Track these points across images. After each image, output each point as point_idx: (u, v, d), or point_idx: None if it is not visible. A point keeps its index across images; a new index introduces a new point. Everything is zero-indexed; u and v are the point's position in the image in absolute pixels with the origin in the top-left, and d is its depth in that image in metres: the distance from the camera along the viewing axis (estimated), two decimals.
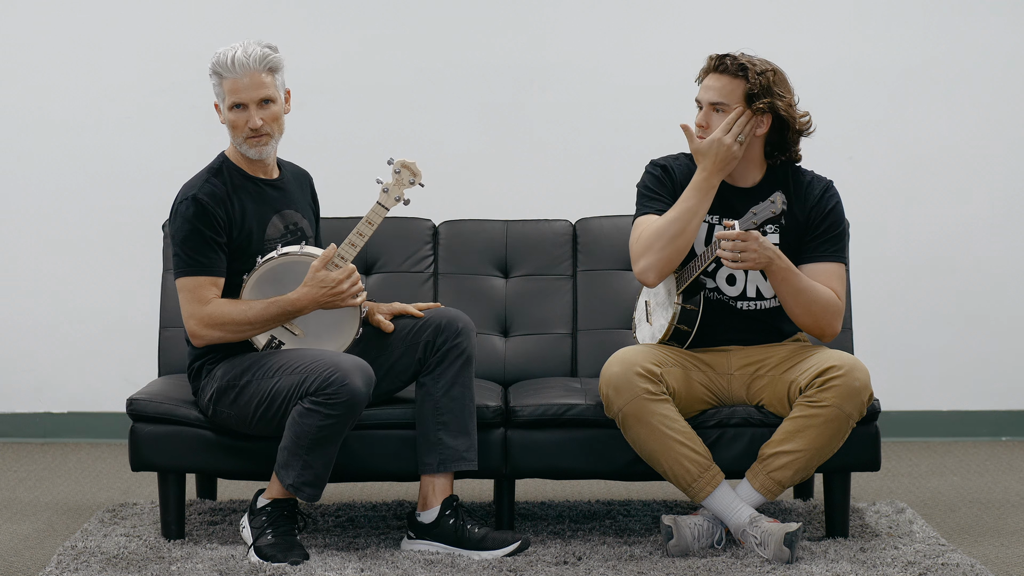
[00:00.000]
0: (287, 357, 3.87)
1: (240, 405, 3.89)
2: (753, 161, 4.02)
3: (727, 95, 3.94)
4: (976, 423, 5.72)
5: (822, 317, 3.94)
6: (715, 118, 3.96)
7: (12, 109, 5.64)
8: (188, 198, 3.91)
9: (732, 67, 3.94)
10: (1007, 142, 5.68)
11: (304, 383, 3.79)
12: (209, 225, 3.88)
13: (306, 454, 3.80)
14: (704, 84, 3.99)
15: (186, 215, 3.89)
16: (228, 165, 3.99)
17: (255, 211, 3.96)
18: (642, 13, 5.63)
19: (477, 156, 5.65)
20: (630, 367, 3.89)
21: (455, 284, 4.58)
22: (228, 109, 3.94)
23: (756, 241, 3.83)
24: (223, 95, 3.94)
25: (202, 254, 3.88)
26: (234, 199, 3.94)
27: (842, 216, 4.05)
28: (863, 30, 5.65)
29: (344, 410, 3.77)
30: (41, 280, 5.67)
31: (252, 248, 3.94)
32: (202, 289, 3.88)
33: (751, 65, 3.94)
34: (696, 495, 3.90)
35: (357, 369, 3.79)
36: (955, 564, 3.79)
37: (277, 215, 4.00)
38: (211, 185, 3.93)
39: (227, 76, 3.92)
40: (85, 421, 5.69)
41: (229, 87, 3.92)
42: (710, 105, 3.96)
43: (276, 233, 3.99)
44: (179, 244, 3.90)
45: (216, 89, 3.95)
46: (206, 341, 3.90)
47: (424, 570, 3.76)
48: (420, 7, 5.64)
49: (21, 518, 4.44)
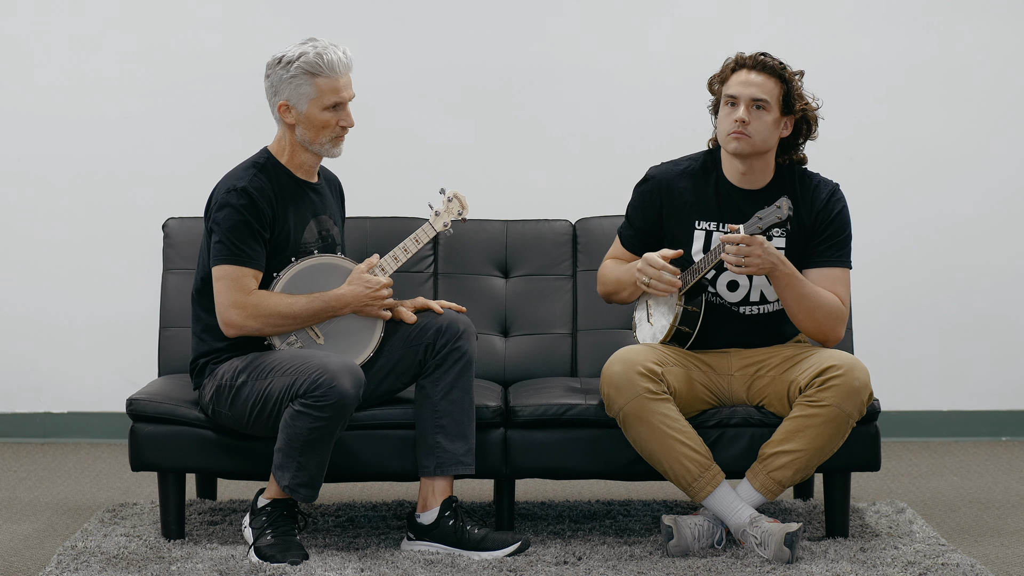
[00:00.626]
0: (280, 358, 3.86)
1: (236, 406, 3.89)
2: (767, 163, 4.01)
3: (768, 92, 3.92)
4: (976, 423, 5.72)
5: (826, 323, 3.94)
6: (755, 115, 3.92)
7: (12, 109, 5.64)
8: (238, 188, 3.88)
9: (772, 65, 3.92)
10: (1007, 142, 5.68)
11: (294, 385, 3.78)
12: (257, 218, 3.87)
13: (299, 456, 3.80)
14: (741, 80, 3.93)
15: (236, 204, 3.86)
16: (273, 163, 3.98)
17: (295, 212, 3.96)
18: (643, 12, 5.63)
19: (477, 156, 5.65)
20: (631, 366, 3.88)
21: (455, 284, 4.58)
22: (322, 108, 3.91)
23: (760, 246, 3.81)
24: (314, 94, 3.90)
25: (247, 245, 3.87)
26: (278, 197, 3.93)
27: (848, 220, 4.03)
28: (863, 30, 5.65)
29: (333, 412, 3.76)
30: (41, 280, 5.67)
31: (288, 249, 3.94)
32: (245, 279, 3.86)
33: (783, 68, 3.93)
34: (696, 495, 3.90)
35: (346, 371, 3.78)
36: (955, 564, 3.79)
37: (314, 219, 4.00)
38: (259, 180, 3.91)
39: (326, 75, 3.89)
40: (85, 421, 5.69)
41: (328, 86, 3.90)
42: (751, 101, 3.91)
43: (312, 237, 3.99)
44: (225, 232, 3.86)
45: (302, 88, 3.90)
46: (240, 331, 3.88)
47: (424, 570, 3.76)
48: (420, 7, 5.64)
49: (21, 518, 4.44)
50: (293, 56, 3.90)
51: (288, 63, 3.90)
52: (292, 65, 3.90)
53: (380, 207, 4.79)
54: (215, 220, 3.89)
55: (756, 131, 3.93)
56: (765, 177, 4.02)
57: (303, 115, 3.93)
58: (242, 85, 5.60)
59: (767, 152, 3.98)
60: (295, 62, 3.89)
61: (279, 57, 3.93)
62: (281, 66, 3.92)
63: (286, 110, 3.94)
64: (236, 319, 3.86)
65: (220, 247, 3.87)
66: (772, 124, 3.94)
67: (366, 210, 4.71)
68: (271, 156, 3.99)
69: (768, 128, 3.93)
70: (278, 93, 3.93)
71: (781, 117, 3.94)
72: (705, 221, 4.02)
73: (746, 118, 3.91)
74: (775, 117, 3.94)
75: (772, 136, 3.95)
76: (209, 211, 3.94)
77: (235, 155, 4.95)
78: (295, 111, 3.93)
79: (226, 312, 3.87)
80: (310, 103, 3.91)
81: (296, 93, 3.91)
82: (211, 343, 3.97)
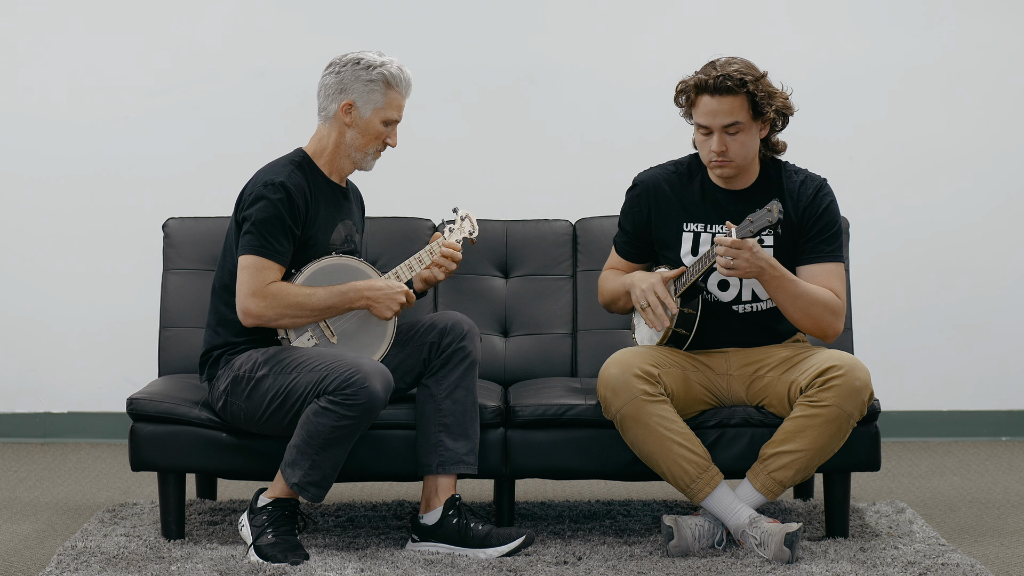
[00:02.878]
0: (308, 354, 3.87)
1: (253, 398, 3.88)
2: (751, 163, 4.01)
3: (737, 113, 3.88)
4: (976, 423, 5.72)
5: (822, 319, 3.93)
6: (731, 140, 3.89)
7: (12, 109, 5.64)
8: (276, 183, 3.89)
9: (733, 83, 3.85)
10: (1007, 142, 5.68)
11: (323, 381, 3.79)
12: (292, 213, 3.88)
13: (316, 454, 3.80)
14: (709, 109, 3.87)
15: (273, 198, 3.87)
16: (309, 162, 3.99)
17: (327, 213, 3.98)
18: (644, 13, 5.63)
19: (477, 156, 5.65)
20: (628, 368, 3.88)
21: (455, 284, 4.58)
22: (382, 120, 3.94)
23: (749, 251, 3.81)
24: (382, 104, 3.93)
25: (278, 240, 3.88)
26: (312, 196, 3.94)
27: (837, 215, 4.01)
28: (863, 30, 5.65)
29: (360, 412, 3.77)
30: (41, 280, 5.67)
31: (316, 248, 3.95)
32: (269, 271, 3.87)
33: (745, 74, 3.87)
34: (695, 496, 3.90)
35: (378, 373, 3.79)
36: (955, 564, 3.79)
37: (342, 223, 4.02)
38: (297, 176, 3.92)
39: (397, 90, 3.94)
40: (85, 421, 5.69)
41: (396, 102, 3.94)
42: (723, 129, 3.89)
43: (339, 239, 4.01)
44: (257, 224, 3.86)
45: (374, 95, 3.92)
46: (258, 321, 3.88)
47: (424, 570, 3.76)
48: (420, 7, 5.64)
49: (21, 518, 4.44)
50: (375, 62, 3.92)
51: (369, 67, 3.91)
52: (373, 70, 3.91)
53: (380, 207, 4.78)
54: (248, 212, 3.90)
55: (736, 153, 3.92)
56: (750, 177, 4.01)
57: (363, 120, 3.95)
58: (243, 85, 5.61)
59: (753, 159, 3.98)
60: (377, 67, 3.91)
61: (358, 58, 3.93)
62: (361, 67, 3.92)
63: (348, 110, 3.94)
64: (254, 308, 3.87)
65: (249, 237, 3.88)
66: (750, 139, 3.92)
67: (366, 210, 4.70)
68: (307, 156, 4.00)
69: (747, 145, 3.92)
70: (346, 91, 3.93)
71: (756, 125, 3.93)
72: (692, 223, 4.02)
73: (722, 148, 3.90)
74: (750, 131, 3.92)
75: (752, 148, 3.94)
76: (241, 205, 3.95)
77: (235, 155, 4.96)
78: (356, 113, 3.94)
79: (245, 300, 3.87)
80: (374, 111, 3.93)
81: (366, 98, 3.93)
82: (227, 336, 3.97)
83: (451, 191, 5.33)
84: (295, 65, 5.51)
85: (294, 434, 3.83)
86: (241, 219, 3.92)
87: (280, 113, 5.55)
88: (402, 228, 4.61)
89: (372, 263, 4.59)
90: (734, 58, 3.92)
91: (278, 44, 5.63)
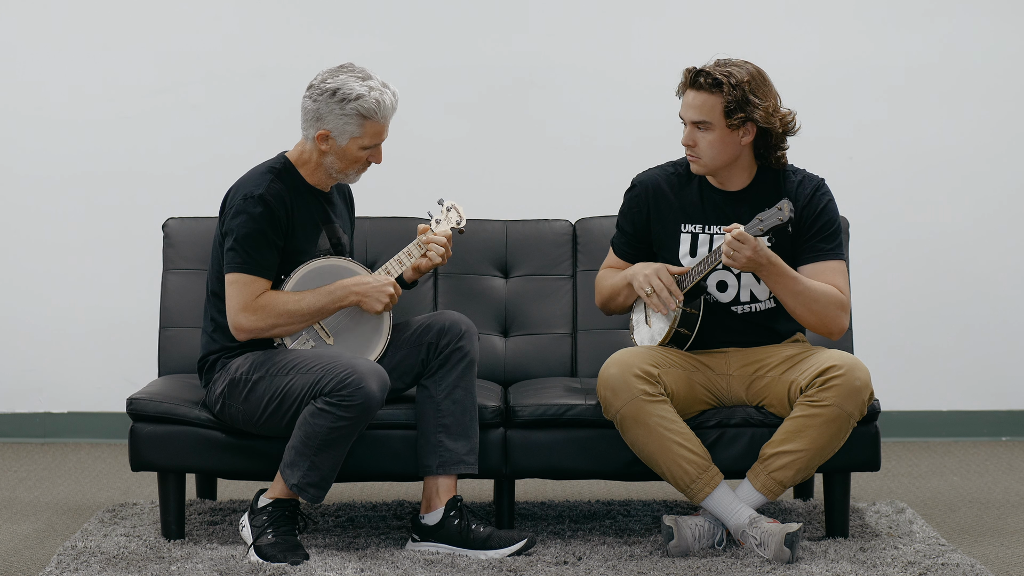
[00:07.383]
0: (303, 356, 3.87)
1: (250, 401, 3.89)
2: (742, 166, 4.00)
3: (707, 112, 3.90)
4: (976, 423, 5.72)
5: (825, 315, 3.93)
6: (700, 136, 3.92)
7: (12, 109, 5.64)
8: (255, 196, 3.88)
9: (707, 83, 3.88)
10: (1007, 142, 5.68)
11: (319, 383, 3.79)
12: (273, 226, 3.88)
13: (314, 455, 3.81)
14: (684, 101, 3.94)
15: (252, 213, 3.87)
16: (290, 168, 3.98)
17: (309, 220, 3.97)
18: (644, 13, 5.63)
19: (477, 156, 5.65)
20: (627, 369, 3.88)
21: (455, 284, 4.58)
22: (360, 147, 3.92)
23: (751, 247, 3.81)
24: (358, 134, 3.90)
25: (261, 254, 3.88)
26: (294, 204, 3.93)
27: (836, 213, 4.01)
28: (863, 30, 5.65)
29: (357, 413, 3.77)
30: (41, 280, 5.67)
31: (299, 255, 3.95)
32: (256, 284, 3.88)
33: (726, 77, 3.87)
34: (695, 496, 3.90)
35: (374, 373, 3.80)
36: (955, 564, 3.79)
37: (325, 227, 4.02)
38: (276, 186, 3.91)
39: (375, 120, 3.90)
40: (85, 421, 5.69)
41: (374, 131, 3.91)
42: (692, 124, 3.93)
43: (324, 245, 4.01)
44: (240, 241, 3.87)
45: (348, 126, 3.89)
46: (251, 334, 3.89)
47: (424, 570, 3.76)
48: (419, 8, 5.63)
49: (21, 518, 4.44)
50: (350, 94, 3.87)
51: (344, 100, 3.87)
52: (348, 104, 3.87)
53: (379, 207, 4.79)
54: (230, 226, 3.90)
55: (702, 151, 3.94)
56: (744, 179, 4.01)
57: (340, 148, 3.93)
58: (242, 86, 5.61)
59: (730, 163, 3.97)
60: (352, 101, 3.87)
61: (333, 88, 3.88)
62: (336, 99, 3.88)
63: (324, 139, 3.92)
64: (246, 323, 3.88)
65: (233, 254, 3.88)
66: (718, 140, 3.92)
67: (365, 210, 4.70)
68: (288, 163, 3.99)
69: (715, 146, 3.92)
70: (321, 120, 3.90)
71: (731, 129, 3.91)
72: (690, 224, 4.02)
73: (691, 142, 3.93)
74: (720, 133, 3.91)
75: (724, 150, 3.93)
76: (224, 214, 3.95)
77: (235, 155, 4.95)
78: (333, 142, 3.93)
79: (236, 317, 3.88)
80: (351, 140, 3.92)
81: (341, 129, 3.90)
82: (222, 342, 3.98)
83: (451, 191, 5.31)
84: (295, 65, 5.50)
85: (292, 435, 3.84)
86: (224, 232, 3.93)
87: (280, 113, 5.53)
88: (402, 228, 4.60)
89: (372, 263, 4.59)
90: (735, 60, 3.92)
91: (278, 44, 5.63)
